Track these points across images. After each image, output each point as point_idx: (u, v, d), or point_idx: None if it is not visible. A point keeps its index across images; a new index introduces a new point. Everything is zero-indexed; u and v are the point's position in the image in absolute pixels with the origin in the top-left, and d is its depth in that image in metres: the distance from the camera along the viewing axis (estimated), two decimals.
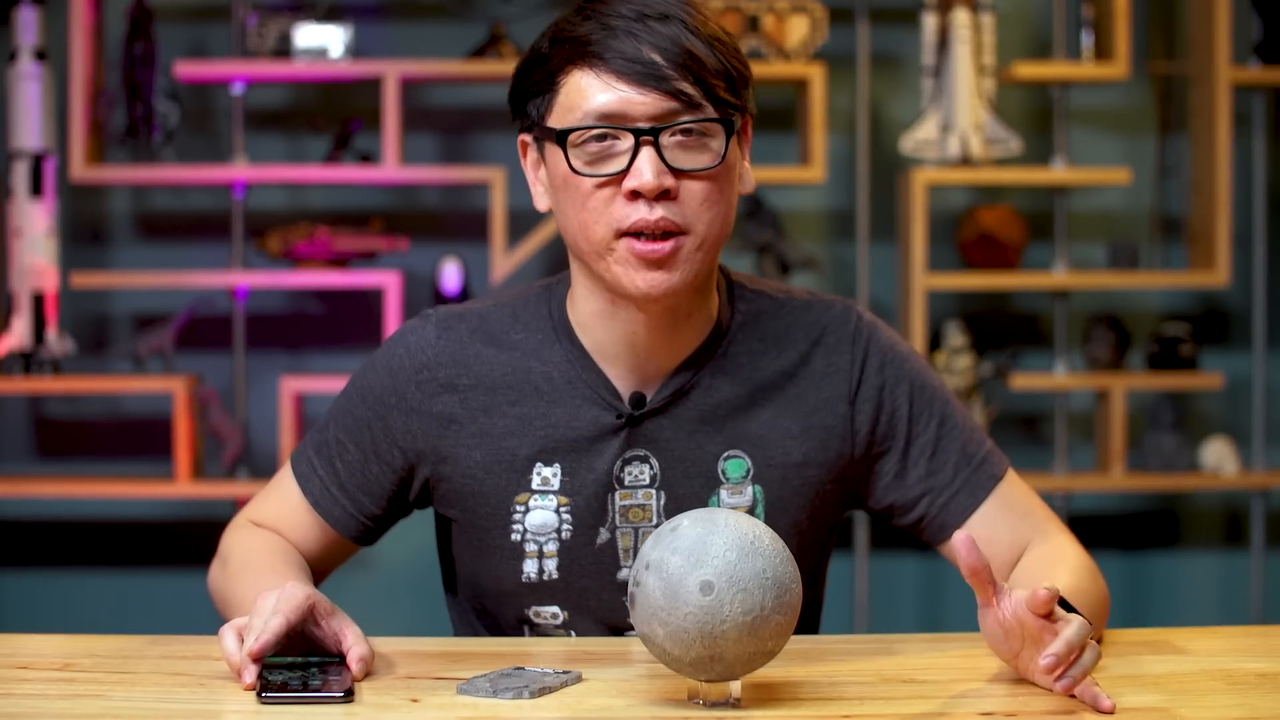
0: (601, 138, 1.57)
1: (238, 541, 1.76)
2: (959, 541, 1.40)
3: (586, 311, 1.68)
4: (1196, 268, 3.95)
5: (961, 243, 3.94)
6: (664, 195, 1.57)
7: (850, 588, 3.97)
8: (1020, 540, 1.73)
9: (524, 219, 3.87)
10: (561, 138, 1.58)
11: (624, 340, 1.67)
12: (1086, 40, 3.96)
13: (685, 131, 1.57)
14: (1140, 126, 4.13)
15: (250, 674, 1.42)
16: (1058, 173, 3.89)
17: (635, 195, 1.57)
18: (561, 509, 1.68)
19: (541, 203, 1.67)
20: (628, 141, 1.56)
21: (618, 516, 1.68)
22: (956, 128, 3.77)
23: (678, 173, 1.57)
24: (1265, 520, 4.08)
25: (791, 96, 3.96)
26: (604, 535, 1.69)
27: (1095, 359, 3.99)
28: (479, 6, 4.00)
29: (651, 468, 1.68)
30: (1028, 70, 3.83)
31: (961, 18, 3.77)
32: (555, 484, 1.69)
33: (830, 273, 4.05)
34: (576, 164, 1.58)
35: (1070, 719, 1.37)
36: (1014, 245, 3.90)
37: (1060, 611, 1.41)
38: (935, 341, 3.90)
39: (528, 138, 1.66)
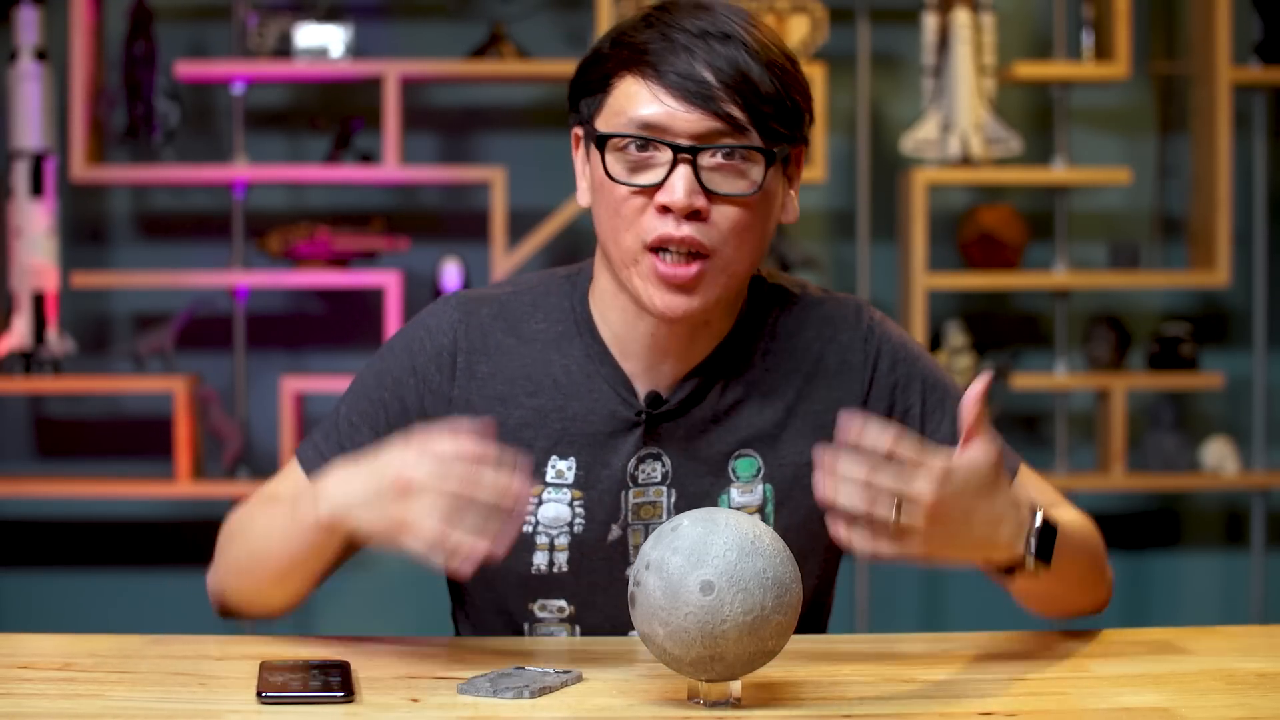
0: (642, 148, 1.57)
1: (234, 524, 1.70)
2: (973, 392, 1.46)
3: (608, 307, 1.68)
4: (1197, 268, 3.95)
5: (962, 243, 3.94)
6: (694, 215, 1.56)
7: (850, 588, 3.97)
8: None
9: (524, 219, 3.87)
10: (601, 142, 1.58)
11: (643, 339, 1.67)
12: (1087, 40, 3.96)
13: (726, 154, 1.56)
14: (1140, 126, 4.13)
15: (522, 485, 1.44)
16: (1058, 173, 3.89)
17: (666, 210, 1.56)
18: (575, 503, 1.68)
19: (584, 198, 1.66)
20: (666, 156, 1.56)
21: (630, 514, 1.68)
22: (957, 127, 3.77)
23: (711, 195, 1.56)
24: (1265, 520, 4.08)
25: None
26: (616, 531, 1.69)
27: (1095, 359, 3.99)
28: (479, 6, 4.00)
29: (664, 465, 1.68)
30: (1028, 70, 3.83)
31: (962, 18, 3.77)
32: (570, 477, 1.68)
33: (830, 272, 4.05)
34: (613, 170, 1.58)
35: (1070, 719, 1.37)
36: (1014, 245, 3.90)
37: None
38: (935, 341, 3.90)
39: (580, 131, 1.66)
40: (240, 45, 3.87)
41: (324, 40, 3.76)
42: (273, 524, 1.62)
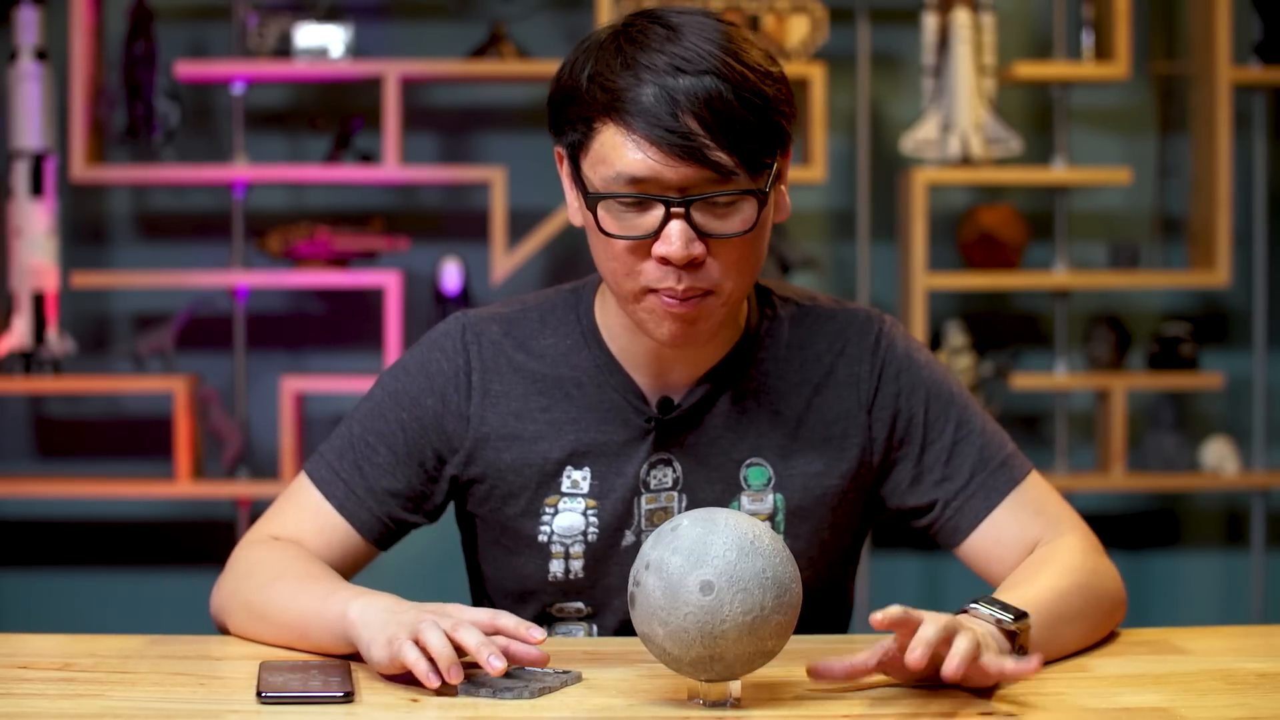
0: (634, 201, 1.55)
1: (258, 557, 1.70)
2: (875, 624, 1.38)
3: (615, 323, 1.70)
4: (1197, 268, 3.95)
5: (962, 243, 3.94)
6: (692, 263, 1.55)
7: None
8: (1029, 539, 1.73)
9: (524, 219, 3.87)
10: (592, 202, 1.57)
11: (650, 354, 1.69)
12: (1087, 40, 3.96)
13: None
14: (1140, 126, 4.13)
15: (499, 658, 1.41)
16: (1058, 173, 3.88)
17: (665, 260, 1.55)
18: (589, 512, 1.70)
19: (575, 218, 1.65)
20: (659, 208, 1.54)
21: (643, 520, 1.70)
22: (957, 127, 3.77)
23: (708, 238, 1.55)
24: (1265, 520, 4.08)
25: None
26: (629, 538, 1.70)
27: (1095, 359, 3.99)
28: (479, 6, 4.00)
29: (675, 471, 1.70)
30: (1028, 70, 3.83)
31: (962, 17, 3.77)
32: (585, 487, 1.70)
33: (830, 273, 4.05)
34: (607, 225, 1.56)
35: (1070, 718, 1.37)
36: (1014, 245, 3.90)
37: (920, 615, 1.39)
38: (936, 341, 3.90)
39: (562, 151, 1.63)
40: (240, 45, 3.87)
41: (324, 40, 3.76)
42: (299, 599, 1.59)
